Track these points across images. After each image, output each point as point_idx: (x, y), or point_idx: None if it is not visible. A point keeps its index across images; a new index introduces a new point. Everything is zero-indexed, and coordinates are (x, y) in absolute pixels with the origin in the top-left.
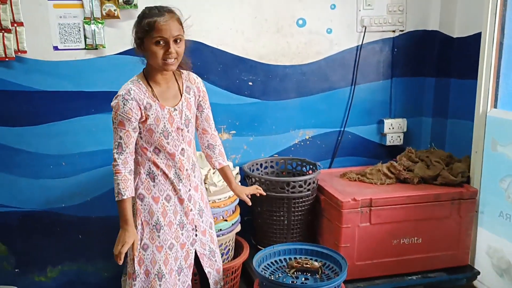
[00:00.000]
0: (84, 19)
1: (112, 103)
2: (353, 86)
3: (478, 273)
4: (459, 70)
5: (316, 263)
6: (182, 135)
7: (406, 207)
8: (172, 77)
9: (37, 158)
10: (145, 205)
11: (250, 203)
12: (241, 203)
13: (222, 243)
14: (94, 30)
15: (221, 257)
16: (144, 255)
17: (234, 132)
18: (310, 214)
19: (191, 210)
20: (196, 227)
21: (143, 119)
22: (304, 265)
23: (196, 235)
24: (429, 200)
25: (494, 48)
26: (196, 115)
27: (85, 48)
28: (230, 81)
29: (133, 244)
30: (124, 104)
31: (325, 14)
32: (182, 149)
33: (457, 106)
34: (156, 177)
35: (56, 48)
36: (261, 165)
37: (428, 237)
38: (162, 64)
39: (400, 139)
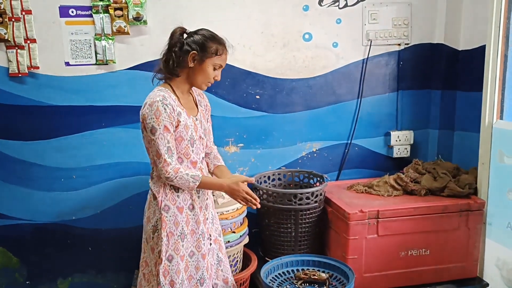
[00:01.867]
0: (95, 35)
1: (145, 111)
2: (359, 99)
3: (487, 285)
4: (465, 83)
5: (323, 275)
6: (202, 144)
7: (413, 219)
8: (188, 92)
9: (49, 171)
10: (170, 216)
11: (253, 180)
12: (249, 215)
13: (230, 255)
14: (105, 46)
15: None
16: (169, 266)
17: (242, 145)
18: (317, 226)
19: (207, 218)
20: (210, 236)
21: (175, 125)
22: (312, 277)
23: (210, 244)
24: (436, 212)
25: (498, 60)
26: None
27: (96, 64)
28: (238, 95)
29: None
30: (165, 109)
31: (331, 29)
32: (203, 157)
33: (464, 118)
34: (179, 187)
35: (67, 64)
36: (268, 177)
37: (436, 249)
38: (204, 85)
39: (407, 151)
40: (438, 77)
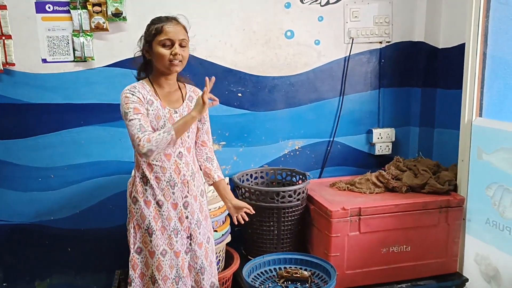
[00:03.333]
0: (72, 31)
1: (121, 101)
2: (341, 97)
3: (467, 280)
4: (445, 80)
5: (305, 273)
6: (181, 138)
7: (394, 216)
8: (176, 85)
9: (26, 170)
10: (137, 208)
11: (240, 222)
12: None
13: None
14: (83, 42)
15: None
16: (138, 258)
17: (224, 143)
18: (300, 223)
19: (186, 217)
20: (191, 235)
21: (146, 110)
22: (294, 275)
23: (190, 244)
24: (417, 209)
25: (478, 58)
26: (198, 127)
27: (74, 61)
28: (220, 93)
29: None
30: (132, 94)
31: (313, 26)
32: (180, 152)
33: (444, 115)
34: (148, 180)
35: (44, 60)
36: (251, 175)
37: (416, 245)
38: (168, 65)
39: (389, 148)
40: (418, 75)
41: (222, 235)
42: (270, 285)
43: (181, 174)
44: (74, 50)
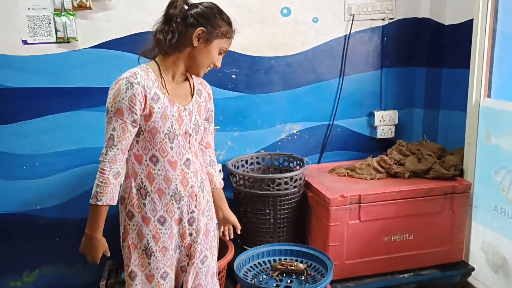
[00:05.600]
0: (54, 10)
1: (110, 90)
2: (341, 78)
3: (473, 269)
4: (451, 59)
5: (301, 265)
6: (189, 142)
7: (397, 203)
8: (185, 75)
9: (10, 158)
10: (133, 225)
11: (230, 237)
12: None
13: None
14: (65, 22)
15: None
16: (132, 285)
17: (217, 127)
18: (297, 212)
19: (190, 234)
20: (190, 254)
21: (146, 113)
22: (289, 267)
23: (188, 263)
24: (420, 195)
25: (486, 35)
26: (205, 127)
27: (56, 42)
28: (212, 75)
29: (105, 252)
30: (127, 88)
31: (310, 3)
32: (187, 159)
33: (450, 96)
34: (148, 193)
35: (25, 42)
36: (246, 161)
37: (420, 234)
38: (203, 69)
39: (391, 131)
40: (423, 54)
41: (216, 223)
42: (264, 277)
43: (189, 185)
44: (56, 30)
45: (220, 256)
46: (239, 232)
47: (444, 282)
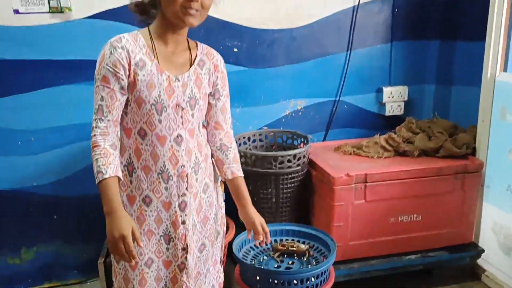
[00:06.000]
0: None
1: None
2: (349, 52)
3: (483, 251)
4: (466, 31)
5: (302, 246)
6: (182, 117)
7: (404, 183)
8: (185, 44)
9: (4, 133)
10: None
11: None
12: None
13: None
14: None
15: None
16: (117, 268)
17: None
18: (300, 191)
19: (183, 222)
20: (187, 247)
21: (131, 80)
22: (290, 248)
23: (186, 258)
24: (430, 175)
25: (505, 5)
26: (210, 104)
27: (49, 12)
28: (214, 47)
29: (133, 233)
30: (111, 52)
31: None
32: (179, 135)
33: (463, 71)
34: (134, 170)
35: (17, 11)
36: (248, 138)
37: (428, 214)
38: (181, 14)
39: (401, 108)
40: (436, 26)
41: (222, 211)
42: (263, 259)
43: (179, 164)
44: None
45: None
46: (268, 241)
47: (452, 264)
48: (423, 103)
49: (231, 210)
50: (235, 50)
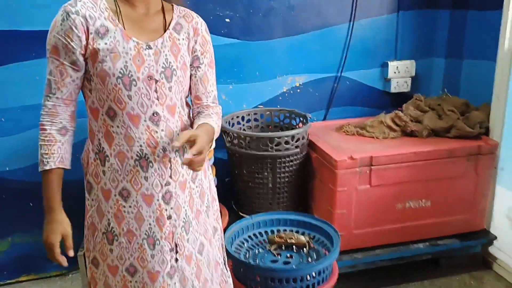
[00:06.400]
0: None
1: None
2: (351, 23)
3: (495, 238)
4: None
5: (302, 237)
6: (156, 90)
7: (413, 166)
8: (158, 6)
9: None
10: (93, 200)
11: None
12: (219, 161)
13: None
14: None
15: None
16: (96, 273)
17: None
18: (299, 175)
19: (169, 217)
20: (177, 246)
21: (91, 50)
22: (288, 240)
23: (176, 259)
24: (440, 157)
25: None
26: (190, 75)
27: None
28: (203, 18)
29: (64, 240)
30: (63, 19)
31: None
32: (155, 113)
33: (476, 43)
34: (107, 158)
35: None
36: (242, 118)
37: (438, 200)
38: None
39: (407, 84)
40: None
41: (216, 203)
42: (260, 251)
43: (159, 148)
44: None
45: None
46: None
47: (463, 252)
48: (431, 79)
49: (225, 194)
50: (227, 20)
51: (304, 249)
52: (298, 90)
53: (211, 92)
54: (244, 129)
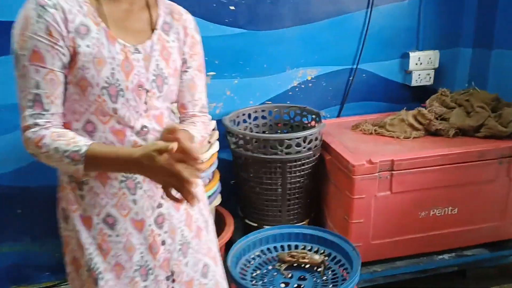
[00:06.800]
0: None
1: (15, 24)
2: (369, 9)
3: None
4: None
5: (316, 256)
6: (146, 102)
7: (438, 170)
8: (142, 1)
9: None
10: (71, 230)
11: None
12: (224, 164)
13: None
14: None
15: None
16: None
17: (213, 73)
18: (312, 181)
19: (163, 242)
20: (173, 274)
21: (70, 54)
22: (301, 260)
23: None
24: (469, 159)
25: None
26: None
27: None
28: (204, 5)
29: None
30: (39, 15)
31: None
32: (144, 127)
33: (506, 31)
34: (85, 180)
35: None
36: (249, 115)
37: (466, 207)
38: None
39: (430, 77)
40: None
41: (209, 197)
42: (268, 269)
43: None
44: None
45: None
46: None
47: (492, 263)
48: (456, 71)
49: (231, 199)
50: (232, 8)
51: (319, 268)
52: (310, 84)
53: (199, 100)
54: (250, 128)
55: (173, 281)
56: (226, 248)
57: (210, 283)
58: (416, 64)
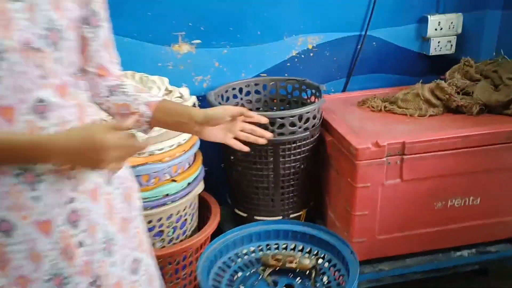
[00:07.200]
0: None
1: None
2: None
3: None
4: None
5: (306, 261)
6: (40, 65)
7: (459, 154)
8: None
9: None
10: None
11: (245, 148)
12: (208, 146)
13: (172, 214)
14: None
15: (173, 233)
16: None
17: (198, 41)
18: (309, 164)
19: (80, 244)
20: (97, 279)
21: None
22: (287, 265)
23: None
24: (496, 141)
25: None
26: (84, 38)
27: None
28: None
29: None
30: None
31: None
32: (41, 100)
33: None
34: None
35: None
36: (240, 90)
37: (490, 196)
38: None
39: (452, 45)
40: None
41: (188, 184)
42: (247, 277)
43: None
44: None
45: (202, 223)
46: (263, 120)
47: None
48: (483, 38)
49: (215, 185)
50: None
51: (310, 277)
52: (311, 54)
53: (116, 57)
54: (242, 104)
55: (98, 286)
56: (217, 230)
57: (142, 279)
58: (436, 29)
